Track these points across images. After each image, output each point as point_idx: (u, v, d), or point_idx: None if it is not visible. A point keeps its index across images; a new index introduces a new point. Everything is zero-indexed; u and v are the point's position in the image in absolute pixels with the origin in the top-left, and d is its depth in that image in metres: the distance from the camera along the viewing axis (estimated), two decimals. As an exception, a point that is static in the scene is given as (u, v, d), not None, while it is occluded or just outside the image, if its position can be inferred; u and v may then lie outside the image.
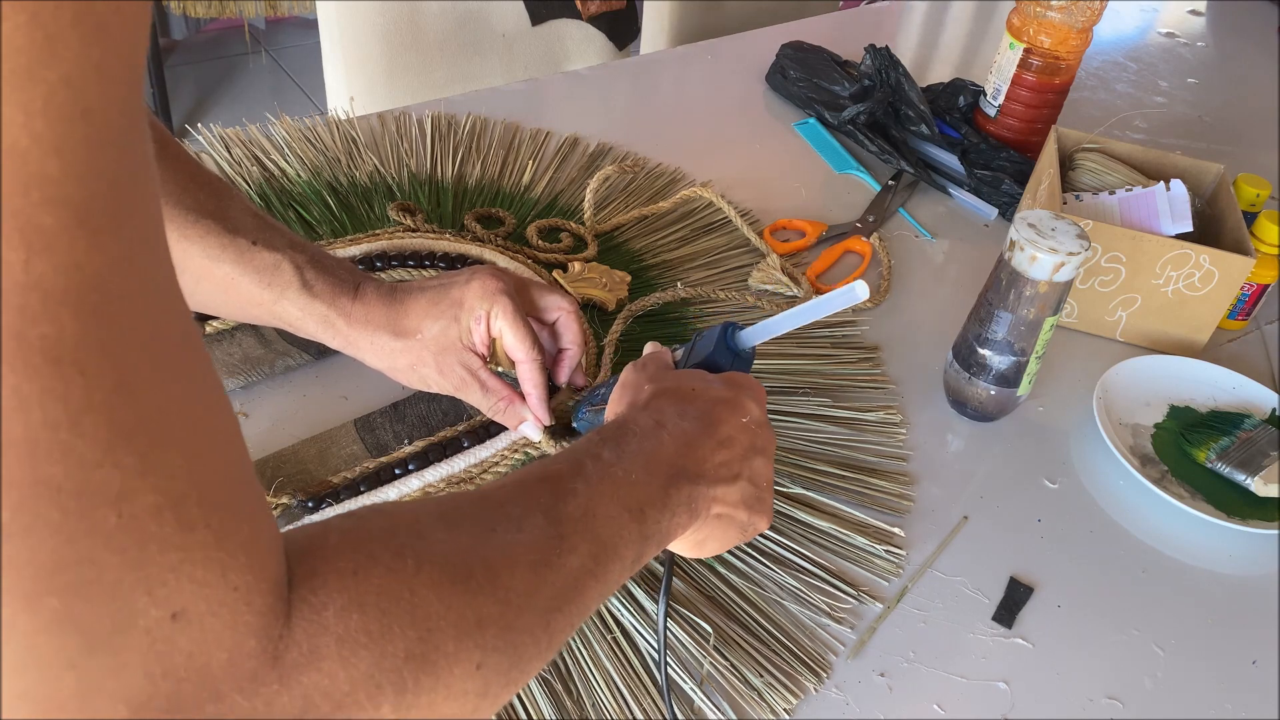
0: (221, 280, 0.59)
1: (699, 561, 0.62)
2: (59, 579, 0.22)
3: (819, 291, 0.86)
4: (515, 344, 0.62)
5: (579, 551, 0.38)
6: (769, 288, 0.84)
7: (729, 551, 0.63)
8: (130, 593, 0.23)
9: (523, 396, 0.64)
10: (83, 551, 0.22)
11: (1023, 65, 1.02)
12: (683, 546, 0.49)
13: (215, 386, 0.27)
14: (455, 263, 0.80)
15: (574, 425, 0.66)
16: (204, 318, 0.71)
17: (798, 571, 0.62)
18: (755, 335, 0.55)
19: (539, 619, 0.34)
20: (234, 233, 0.58)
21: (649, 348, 0.57)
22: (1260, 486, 0.71)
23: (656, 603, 0.58)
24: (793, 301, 0.84)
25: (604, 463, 0.43)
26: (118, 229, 0.23)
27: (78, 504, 0.22)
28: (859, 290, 0.49)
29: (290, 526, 0.29)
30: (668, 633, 0.57)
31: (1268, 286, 0.87)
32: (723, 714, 0.54)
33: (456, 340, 0.62)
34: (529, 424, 0.65)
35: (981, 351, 0.72)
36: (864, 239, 0.93)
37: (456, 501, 0.36)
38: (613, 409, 0.53)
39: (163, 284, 0.25)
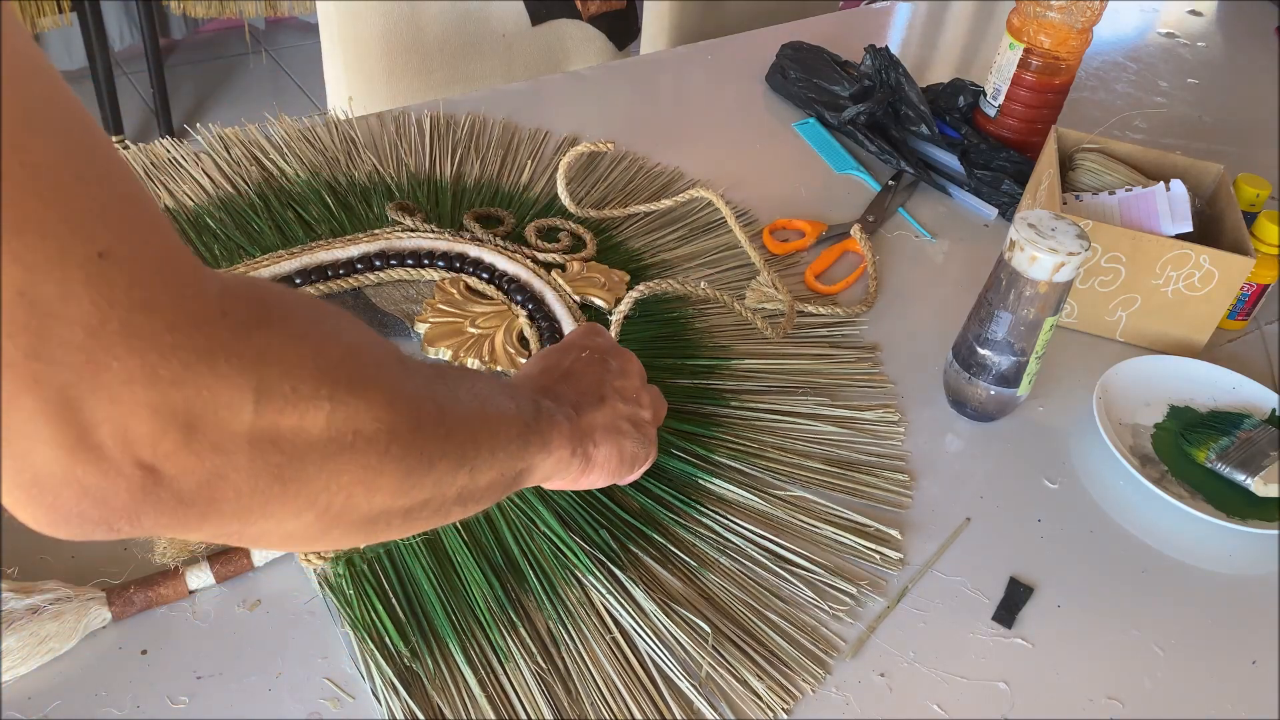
0: None
1: (699, 561, 0.62)
2: (13, 243, 0.26)
3: (817, 292, 0.86)
4: None
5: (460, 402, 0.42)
6: (765, 305, 0.83)
7: (728, 552, 0.63)
8: (62, 236, 0.27)
9: None
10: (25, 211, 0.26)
11: (1023, 65, 1.02)
12: (570, 478, 0.52)
13: (97, 130, 0.30)
14: (454, 262, 0.80)
15: None
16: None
17: (798, 571, 0.62)
18: None
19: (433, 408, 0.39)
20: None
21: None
22: (1260, 486, 0.71)
23: (656, 603, 0.58)
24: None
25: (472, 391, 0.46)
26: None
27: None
28: None
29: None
30: (668, 633, 0.57)
31: (1268, 286, 0.87)
32: (721, 715, 0.54)
33: None
34: None
35: (981, 351, 0.72)
36: (852, 236, 0.92)
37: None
38: None
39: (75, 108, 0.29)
